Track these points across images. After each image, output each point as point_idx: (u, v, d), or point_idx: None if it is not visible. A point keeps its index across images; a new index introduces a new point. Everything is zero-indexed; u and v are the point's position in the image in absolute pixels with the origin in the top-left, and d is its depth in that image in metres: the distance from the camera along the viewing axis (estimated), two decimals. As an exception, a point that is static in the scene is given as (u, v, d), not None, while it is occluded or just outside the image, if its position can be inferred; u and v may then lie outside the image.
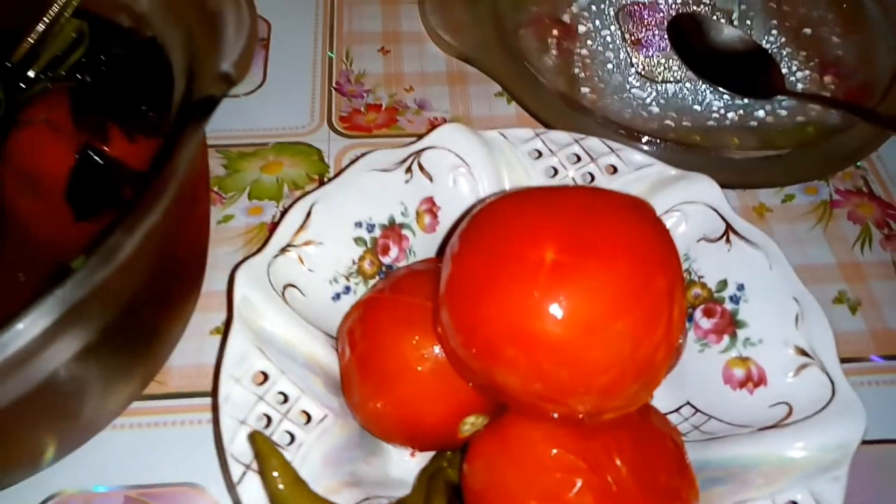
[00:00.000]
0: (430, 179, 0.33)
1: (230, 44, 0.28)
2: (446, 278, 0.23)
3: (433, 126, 0.43)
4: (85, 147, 0.29)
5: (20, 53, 0.32)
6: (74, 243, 0.30)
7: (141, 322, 0.29)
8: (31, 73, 0.32)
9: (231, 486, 0.25)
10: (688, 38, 0.46)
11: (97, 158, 0.29)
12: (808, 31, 0.48)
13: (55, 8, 0.33)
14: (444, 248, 0.25)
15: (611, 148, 0.34)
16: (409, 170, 0.33)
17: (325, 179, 0.40)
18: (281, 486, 0.22)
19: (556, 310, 0.20)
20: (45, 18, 0.33)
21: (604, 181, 0.33)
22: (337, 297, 0.31)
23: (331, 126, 0.43)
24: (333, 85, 0.45)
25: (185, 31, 0.30)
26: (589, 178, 0.34)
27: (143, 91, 0.31)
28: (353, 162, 0.33)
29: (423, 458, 0.29)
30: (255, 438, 0.23)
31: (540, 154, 0.34)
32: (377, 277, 0.32)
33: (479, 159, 0.33)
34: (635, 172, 0.33)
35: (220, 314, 0.35)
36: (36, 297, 0.22)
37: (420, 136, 0.34)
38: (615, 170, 0.34)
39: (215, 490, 0.30)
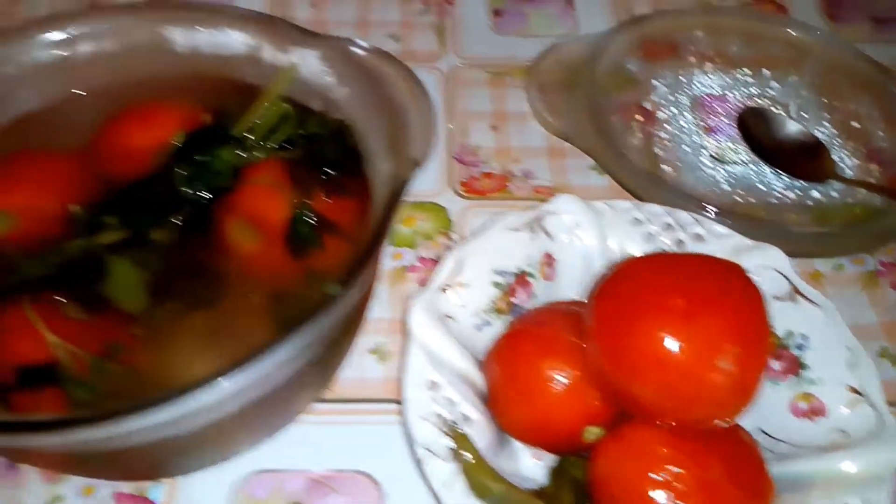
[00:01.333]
0: (550, 238, 0.42)
1: (416, 134, 0.38)
2: (594, 317, 0.32)
3: (536, 192, 0.52)
4: (300, 203, 0.39)
5: (241, 129, 0.42)
6: (285, 275, 0.39)
7: (339, 342, 0.38)
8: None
9: (417, 462, 0.33)
10: (754, 128, 0.54)
11: (308, 212, 0.39)
12: (855, 124, 0.56)
13: (265, 96, 0.43)
14: (589, 296, 0.33)
15: (696, 220, 0.42)
16: (533, 230, 0.42)
17: (450, 233, 0.49)
18: (472, 460, 0.30)
19: (684, 342, 0.29)
20: (258, 103, 0.43)
21: (691, 247, 0.41)
22: (479, 327, 0.39)
23: (454, 189, 0.52)
24: (454, 156, 0.54)
25: (378, 119, 0.39)
26: (679, 243, 0.42)
27: (337, 161, 0.41)
28: (489, 223, 0.42)
29: (546, 462, 0.37)
30: (451, 429, 0.32)
31: (638, 221, 0.43)
32: (509, 315, 0.40)
33: (589, 224, 0.42)
34: (717, 241, 0.41)
35: (377, 337, 0.44)
36: (303, 320, 0.30)
37: (528, 200, 0.43)
38: (701, 238, 0.42)
39: (379, 476, 0.38)
